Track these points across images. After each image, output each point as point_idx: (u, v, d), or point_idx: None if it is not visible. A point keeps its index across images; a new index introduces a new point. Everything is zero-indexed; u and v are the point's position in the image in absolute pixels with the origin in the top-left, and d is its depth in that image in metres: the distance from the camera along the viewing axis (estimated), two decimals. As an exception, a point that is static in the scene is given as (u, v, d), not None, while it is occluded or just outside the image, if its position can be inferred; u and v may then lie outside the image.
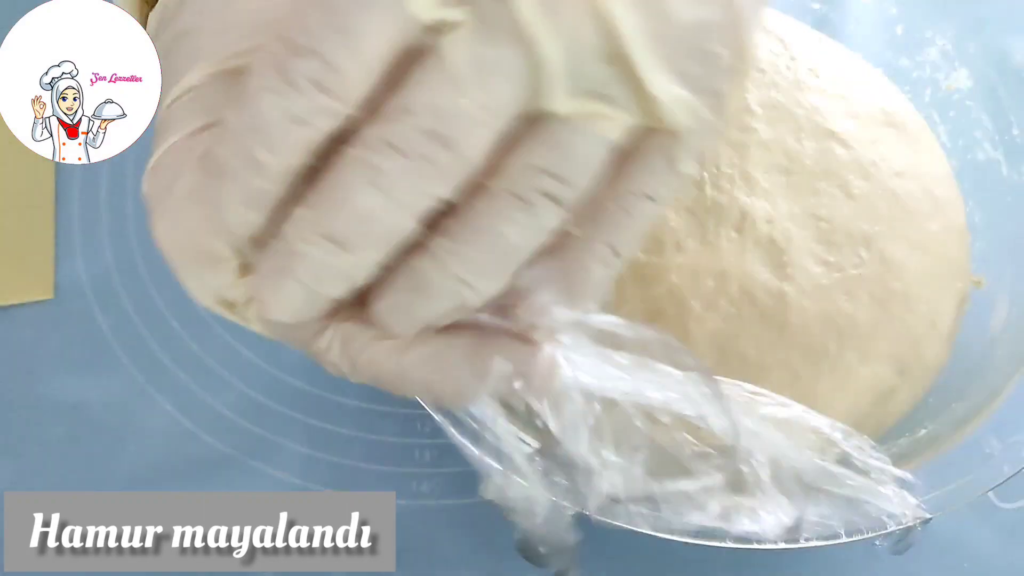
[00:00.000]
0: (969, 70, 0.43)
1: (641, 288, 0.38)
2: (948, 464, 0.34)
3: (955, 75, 0.44)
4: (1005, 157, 0.42)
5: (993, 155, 0.43)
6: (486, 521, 0.43)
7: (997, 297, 0.41)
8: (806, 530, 0.31)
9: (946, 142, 0.45)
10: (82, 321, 0.47)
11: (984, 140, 0.43)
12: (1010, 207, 0.42)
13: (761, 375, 0.37)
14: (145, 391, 0.46)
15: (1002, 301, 0.40)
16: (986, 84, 0.43)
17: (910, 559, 0.42)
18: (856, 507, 0.31)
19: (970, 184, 0.43)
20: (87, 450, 0.44)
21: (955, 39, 0.44)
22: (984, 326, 0.40)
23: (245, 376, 0.46)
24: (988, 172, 0.43)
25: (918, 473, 0.34)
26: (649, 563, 0.41)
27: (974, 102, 0.43)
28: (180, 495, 0.41)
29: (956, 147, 0.44)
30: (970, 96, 0.44)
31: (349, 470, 0.44)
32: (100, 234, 0.50)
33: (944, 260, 0.40)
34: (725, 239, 0.38)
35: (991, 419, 0.35)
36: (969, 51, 0.43)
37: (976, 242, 0.43)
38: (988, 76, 0.43)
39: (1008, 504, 0.43)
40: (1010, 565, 0.42)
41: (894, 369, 0.38)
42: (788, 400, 0.29)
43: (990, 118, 0.43)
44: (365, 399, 0.45)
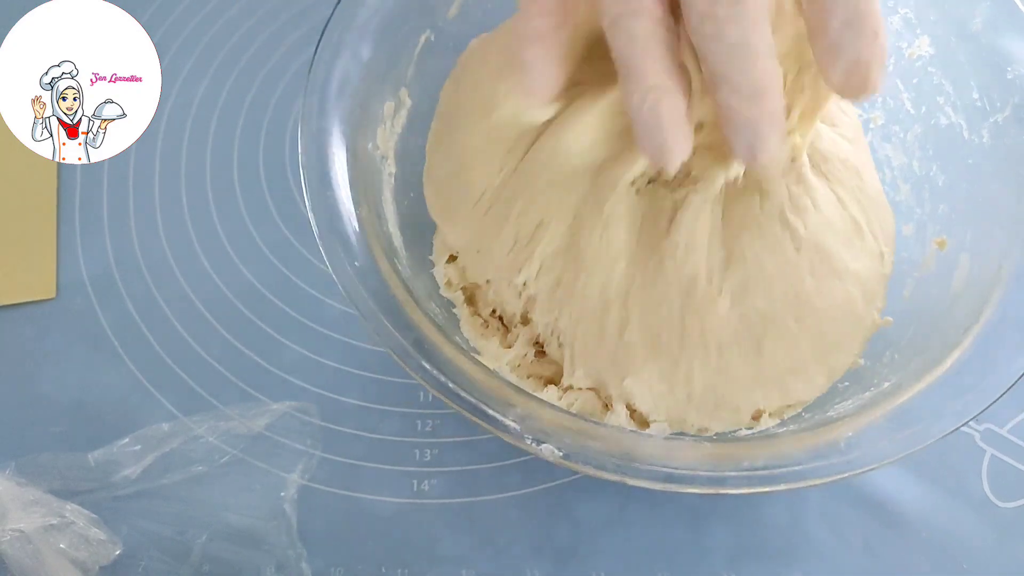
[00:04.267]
0: (930, 37, 0.44)
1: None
2: (908, 411, 0.36)
3: (917, 43, 0.44)
4: (966, 121, 0.43)
5: (955, 119, 0.43)
6: (486, 520, 0.43)
7: (959, 257, 0.41)
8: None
9: (910, 109, 0.46)
10: (83, 320, 0.47)
11: (946, 105, 0.44)
12: (970, 169, 0.43)
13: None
14: (146, 390, 0.46)
15: (963, 260, 0.41)
16: (947, 50, 0.44)
17: (910, 558, 0.42)
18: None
19: (933, 149, 0.45)
20: (88, 448, 0.44)
21: (916, 7, 0.44)
22: (946, 285, 0.41)
23: (246, 375, 0.46)
24: (950, 136, 0.44)
25: (883, 419, 0.36)
26: (644, 556, 0.42)
27: (935, 68, 0.44)
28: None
29: (920, 113, 0.45)
30: (932, 63, 0.44)
31: (350, 469, 0.44)
32: (101, 233, 0.50)
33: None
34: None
35: (950, 368, 0.36)
36: (930, 18, 0.44)
37: (939, 204, 0.44)
38: (949, 42, 0.43)
39: (1007, 504, 0.43)
40: (1009, 564, 0.42)
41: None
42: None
43: (951, 84, 0.44)
44: (365, 398, 0.45)
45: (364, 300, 0.36)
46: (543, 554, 0.42)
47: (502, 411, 0.34)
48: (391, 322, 0.36)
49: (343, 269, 0.36)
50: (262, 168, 0.52)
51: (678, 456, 0.35)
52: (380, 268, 0.37)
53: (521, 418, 0.34)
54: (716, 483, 0.33)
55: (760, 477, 0.33)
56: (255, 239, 0.50)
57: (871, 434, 0.35)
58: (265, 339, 0.47)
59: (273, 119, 0.53)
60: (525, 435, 0.33)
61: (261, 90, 0.54)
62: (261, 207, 0.51)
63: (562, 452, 0.33)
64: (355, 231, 0.38)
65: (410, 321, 0.36)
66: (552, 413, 0.36)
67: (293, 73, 0.55)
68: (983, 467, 0.44)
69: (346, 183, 0.39)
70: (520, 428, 0.34)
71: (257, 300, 0.48)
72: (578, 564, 0.42)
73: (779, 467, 0.34)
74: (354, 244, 0.37)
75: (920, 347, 0.39)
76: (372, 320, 0.36)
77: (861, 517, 0.42)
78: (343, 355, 0.46)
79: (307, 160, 0.38)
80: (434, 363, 0.35)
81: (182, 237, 0.50)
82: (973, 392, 0.35)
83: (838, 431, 0.35)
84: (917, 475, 0.43)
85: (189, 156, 0.52)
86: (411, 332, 0.36)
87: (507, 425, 0.34)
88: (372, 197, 0.41)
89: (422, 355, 0.35)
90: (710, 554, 0.42)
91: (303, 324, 0.47)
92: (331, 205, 0.38)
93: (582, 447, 0.34)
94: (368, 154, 0.41)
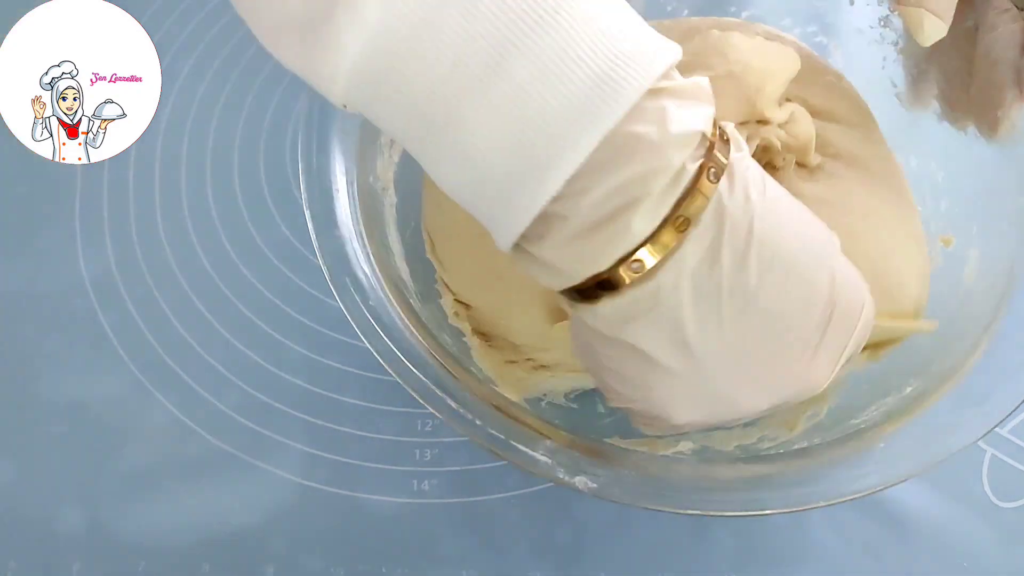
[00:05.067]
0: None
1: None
2: (934, 418, 0.36)
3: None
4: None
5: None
6: (486, 520, 0.43)
7: (967, 252, 0.42)
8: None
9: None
10: (84, 320, 0.47)
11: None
12: (970, 165, 0.43)
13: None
14: (147, 390, 0.46)
15: (973, 255, 0.41)
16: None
17: (911, 559, 0.42)
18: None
19: (933, 146, 0.45)
20: (88, 449, 0.44)
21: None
22: (958, 280, 0.41)
23: (246, 375, 0.46)
24: (950, 133, 0.43)
25: (907, 429, 0.35)
26: (646, 558, 0.41)
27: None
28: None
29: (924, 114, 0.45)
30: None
31: (350, 469, 0.44)
32: (101, 234, 0.50)
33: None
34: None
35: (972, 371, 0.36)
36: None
37: (941, 201, 0.44)
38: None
39: (1008, 504, 0.43)
40: (1010, 565, 0.42)
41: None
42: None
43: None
44: (366, 398, 0.45)
45: (380, 339, 0.36)
46: (544, 555, 0.42)
47: (531, 445, 0.34)
48: (411, 361, 0.35)
49: (357, 310, 0.36)
50: (262, 168, 0.52)
51: (712, 476, 0.34)
52: (394, 305, 0.37)
53: (551, 452, 0.33)
54: (755, 505, 0.33)
55: (796, 496, 0.33)
56: (255, 239, 0.50)
57: (903, 444, 0.35)
58: (265, 339, 0.47)
59: (273, 119, 0.53)
60: (557, 469, 0.33)
61: (261, 90, 0.54)
62: (261, 207, 0.51)
63: (596, 484, 0.33)
64: (364, 271, 0.37)
65: (427, 359, 0.36)
66: (582, 441, 0.35)
67: (293, 74, 0.54)
68: (983, 467, 0.44)
69: (351, 220, 0.39)
70: (551, 462, 0.33)
71: (257, 300, 0.48)
72: (579, 566, 0.42)
73: (813, 483, 0.33)
74: (364, 284, 0.37)
75: (939, 348, 0.39)
76: (391, 360, 0.35)
77: (862, 518, 0.42)
78: (343, 355, 0.46)
79: (310, 199, 0.38)
80: (458, 400, 0.34)
81: (182, 237, 0.50)
82: (993, 396, 0.35)
83: (870, 441, 0.35)
84: (918, 476, 0.43)
85: (189, 156, 0.52)
86: (431, 370, 0.35)
87: (537, 460, 0.33)
88: (378, 231, 0.40)
89: (446, 393, 0.35)
90: (712, 556, 0.42)
91: (303, 324, 0.47)
92: (338, 246, 0.37)
93: (616, 477, 0.33)
94: (370, 187, 0.41)
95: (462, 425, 0.34)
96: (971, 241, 0.42)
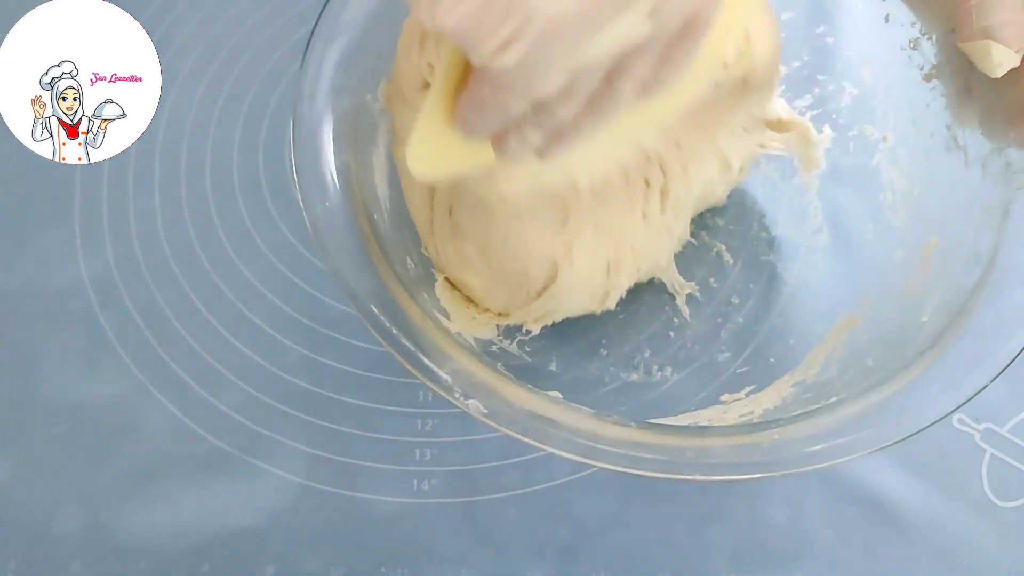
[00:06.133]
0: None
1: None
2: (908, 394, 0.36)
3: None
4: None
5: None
6: (486, 519, 0.43)
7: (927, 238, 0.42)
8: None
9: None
10: (84, 320, 0.47)
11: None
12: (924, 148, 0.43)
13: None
14: (147, 390, 0.46)
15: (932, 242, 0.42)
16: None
17: (910, 558, 0.42)
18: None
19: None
20: (88, 449, 0.44)
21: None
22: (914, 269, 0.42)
23: (246, 375, 0.46)
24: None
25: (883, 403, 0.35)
26: (645, 556, 0.42)
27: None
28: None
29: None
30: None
31: (350, 468, 0.44)
32: (101, 233, 0.50)
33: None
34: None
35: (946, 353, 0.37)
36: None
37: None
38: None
39: (1007, 503, 0.43)
40: (1010, 565, 0.42)
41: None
42: None
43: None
44: (366, 398, 0.45)
45: (329, 238, 0.37)
46: (543, 554, 0.42)
47: (438, 362, 0.35)
48: (352, 262, 0.36)
49: (314, 207, 0.37)
50: (262, 168, 0.52)
51: (603, 432, 0.35)
52: (351, 209, 0.38)
53: (455, 372, 0.34)
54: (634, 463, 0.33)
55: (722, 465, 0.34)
56: (255, 239, 0.50)
57: (876, 417, 0.35)
58: (265, 339, 0.47)
59: (273, 119, 0.53)
60: (455, 388, 0.34)
61: (261, 90, 0.54)
62: (261, 207, 0.51)
63: (487, 410, 0.33)
64: (332, 179, 0.38)
65: (370, 264, 0.37)
66: (488, 373, 0.36)
67: (293, 73, 0.55)
68: (983, 467, 0.44)
69: (332, 130, 0.39)
70: (451, 381, 0.34)
71: (257, 300, 0.48)
72: (578, 564, 0.42)
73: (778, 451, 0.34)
74: (329, 186, 0.38)
75: (916, 327, 0.39)
76: (331, 259, 0.36)
77: (861, 517, 0.42)
78: (343, 355, 0.46)
79: (299, 105, 0.39)
80: (383, 307, 0.35)
81: (182, 237, 0.50)
82: (970, 376, 0.35)
83: (839, 414, 0.35)
84: (917, 475, 0.43)
85: (189, 156, 0.52)
86: (367, 276, 0.36)
87: (439, 377, 0.34)
88: (362, 147, 0.41)
89: (371, 299, 0.35)
90: (711, 554, 0.42)
91: (303, 324, 0.47)
92: (315, 149, 0.38)
93: (507, 407, 0.34)
94: (366, 105, 0.42)
95: (378, 329, 0.35)
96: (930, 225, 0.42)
